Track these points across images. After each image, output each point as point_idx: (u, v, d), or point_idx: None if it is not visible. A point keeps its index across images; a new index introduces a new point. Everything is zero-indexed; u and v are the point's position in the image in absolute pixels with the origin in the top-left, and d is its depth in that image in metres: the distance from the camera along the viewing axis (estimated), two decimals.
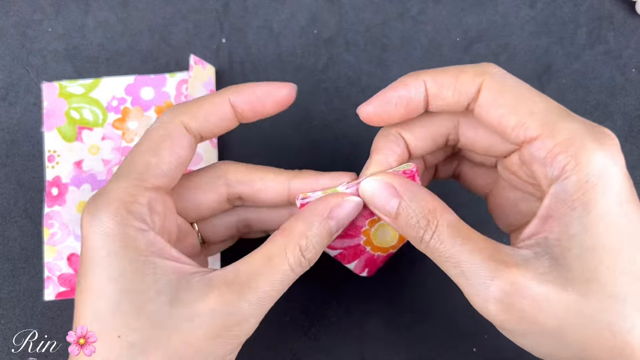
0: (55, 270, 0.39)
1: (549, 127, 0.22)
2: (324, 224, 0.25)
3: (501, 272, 0.22)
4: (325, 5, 0.43)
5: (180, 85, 0.41)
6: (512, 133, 0.23)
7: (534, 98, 0.23)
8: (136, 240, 0.23)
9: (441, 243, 0.24)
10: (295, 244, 0.25)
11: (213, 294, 0.23)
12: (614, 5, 0.42)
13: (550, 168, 0.22)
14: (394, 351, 0.39)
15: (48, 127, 0.41)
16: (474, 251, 0.23)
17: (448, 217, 0.24)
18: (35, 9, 0.43)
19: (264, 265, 0.24)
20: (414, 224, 0.24)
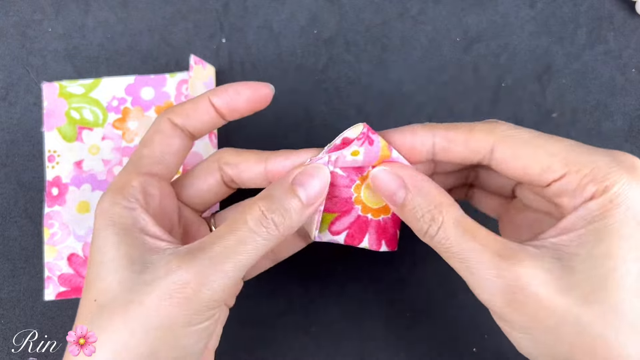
0: (55, 270, 0.39)
1: (573, 163, 0.23)
2: (287, 188, 0.26)
3: (506, 268, 0.22)
4: (325, 5, 0.43)
5: (181, 85, 0.41)
6: (538, 178, 0.24)
7: (548, 142, 0.24)
8: (122, 217, 0.26)
9: (447, 239, 0.24)
10: (255, 206, 0.25)
11: (175, 260, 0.24)
12: (614, 5, 0.42)
13: (579, 197, 0.23)
14: (394, 351, 0.39)
15: (48, 127, 0.41)
16: (480, 247, 0.23)
17: (454, 213, 0.24)
18: (35, 8, 0.43)
19: (224, 232, 0.25)
20: (419, 218, 0.25)
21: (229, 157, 0.30)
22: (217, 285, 0.24)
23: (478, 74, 0.42)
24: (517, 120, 0.41)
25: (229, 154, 0.30)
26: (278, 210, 0.25)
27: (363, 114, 0.41)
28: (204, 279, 0.24)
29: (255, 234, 0.25)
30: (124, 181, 0.27)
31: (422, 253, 0.40)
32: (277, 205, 0.25)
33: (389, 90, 0.42)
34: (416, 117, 0.41)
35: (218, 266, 0.24)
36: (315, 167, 0.27)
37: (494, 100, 0.41)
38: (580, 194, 0.23)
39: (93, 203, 0.40)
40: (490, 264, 0.22)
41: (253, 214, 0.25)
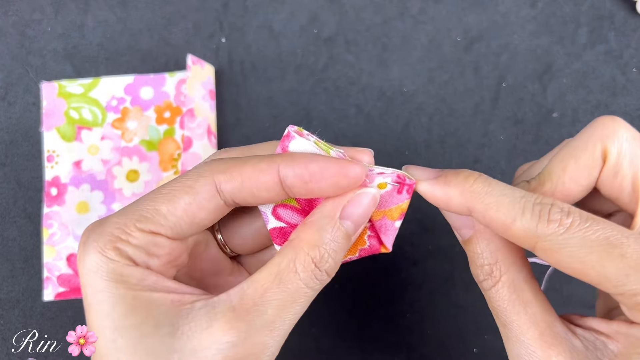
0: (54, 271, 0.39)
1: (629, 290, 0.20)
2: (337, 227, 0.22)
3: (542, 357, 0.21)
4: (325, 4, 0.42)
5: (180, 84, 0.41)
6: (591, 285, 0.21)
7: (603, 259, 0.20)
8: (124, 276, 0.21)
9: (497, 300, 0.23)
10: (306, 256, 0.22)
11: (217, 322, 0.21)
12: (615, 5, 0.42)
13: (636, 316, 0.21)
14: (395, 352, 0.39)
15: (47, 126, 0.41)
16: (526, 323, 0.22)
17: (513, 275, 0.22)
18: (34, 8, 0.43)
19: (271, 285, 0.21)
20: (478, 265, 0.23)
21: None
22: (274, 350, 0.22)
23: (478, 73, 0.42)
24: (517, 119, 0.41)
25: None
26: (331, 258, 0.22)
27: (363, 114, 0.41)
28: (263, 349, 0.21)
29: (308, 289, 0.22)
30: (123, 233, 0.22)
31: (422, 253, 0.40)
32: (328, 253, 0.22)
33: (389, 90, 0.42)
34: (416, 116, 0.41)
35: (277, 331, 0.21)
36: (364, 195, 0.23)
37: (495, 99, 0.41)
38: (636, 315, 0.20)
39: (92, 203, 0.40)
40: (529, 345, 0.21)
41: (305, 265, 0.21)
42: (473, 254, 0.23)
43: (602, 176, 0.23)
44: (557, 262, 0.21)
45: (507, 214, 0.21)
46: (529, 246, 0.21)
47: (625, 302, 0.20)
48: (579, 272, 0.20)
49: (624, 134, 0.22)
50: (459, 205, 0.22)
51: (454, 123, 0.41)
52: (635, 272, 0.19)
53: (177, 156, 0.40)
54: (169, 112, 0.41)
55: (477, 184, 0.22)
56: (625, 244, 0.19)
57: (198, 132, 0.39)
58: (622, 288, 0.19)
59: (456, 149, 0.41)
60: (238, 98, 0.42)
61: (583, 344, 0.21)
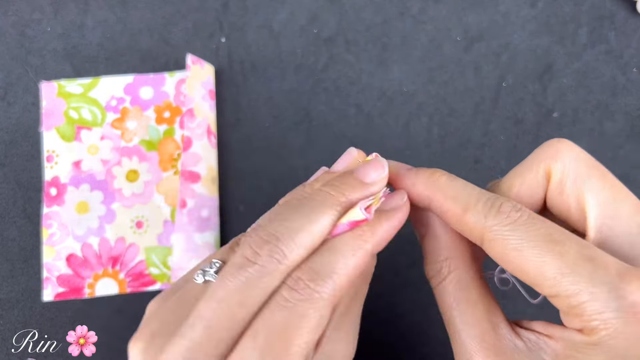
0: (54, 271, 0.39)
1: (565, 290, 0.19)
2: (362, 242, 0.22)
3: (481, 358, 0.21)
4: (325, 4, 0.42)
5: (180, 84, 0.41)
6: (526, 282, 0.21)
7: (543, 255, 0.20)
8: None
9: (443, 296, 0.23)
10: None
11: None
12: (615, 5, 0.42)
13: (567, 321, 0.21)
14: (394, 351, 0.39)
15: (47, 126, 0.41)
16: (470, 322, 0.22)
17: (462, 273, 0.23)
18: (34, 8, 0.43)
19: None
20: (429, 262, 0.24)
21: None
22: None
23: (479, 73, 0.42)
24: (517, 120, 0.41)
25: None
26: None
27: (363, 114, 0.41)
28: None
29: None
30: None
31: (422, 254, 0.40)
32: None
33: (389, 90, 0.41)
34: (416, 116, 0.41)
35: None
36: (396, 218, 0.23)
37: (495, 99, 0.41)
38: (569, 319, 0.20)
39: (92, 203, 0.40)
40: (469, 345, 0.22)
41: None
42: (425, 250, 0.24)
43: (549, 195, 0.23)
44: (500, 255, 0.21)
45: (460, 203, 0.22)
46: (478, 238, 0.22)
47: (560, 306, 0.20)
48: (519, 267, 0.20)
49: (568, 154, 0.23)
50: (420, 194, 0.23)
51: (454, 123, 0.41)
52: (572, 272, 0.19)
53: (177, 156, 0.40)
54: (169, 112, 0.41)
55: (442, 178, 0.23)
56: (567, 244, 0.20)
57: (198, 132, 0.39)
58: (556, 289, 0.19)
59: (456, 149, 0.41)
60: (238, 98, 0.42)
61: (526, 344, 0.21)
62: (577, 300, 0.19)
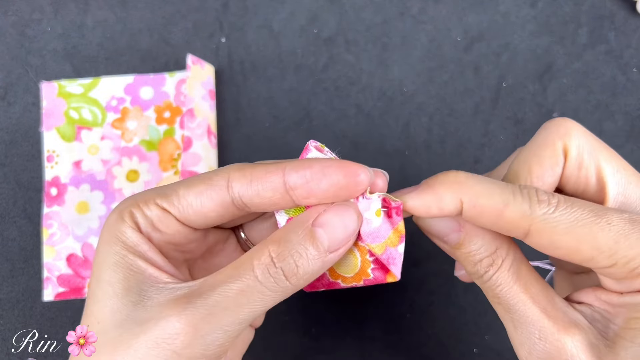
0: (54, 271, 0.39)
1: (621, 256, 0.20)
2: (307, 231, 0.21)
3: (552, 333, 0.21)
4: (325, 4, 0.42)
5: (180, 84, 0.41)
6: (582, 264, 0.22)
7: (593, 231, 0.20)
8: (124, 235, 0.23)
9: (498, 285, 0.23)
10: (265, 250, 0.21)
11: (170, 304, 0.21)
12: (615, 5, 0.42)
13: (627, 286, 0.21)
14: (394, 352, 0.39)
15: (47, 127, 0.41)
16: (530, 302, 0.22)
17: (512, 257, 0.23)
18: (34, 8, 0.43)
19: (228, 276, 0.21)
20: (476, 262, 0.23)
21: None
22: (210, 340, 0.21)
23: (479, 73, 0.42)
24: (517, 119, 0.41)
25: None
26: (291, 257, 0.21)
27: (363, 114, 0.41)
28: (196, 333, 0.20)
29: (262, 285, 0.21)
30: (142, 201, 0.23)
31: (422, 254, 0.40)
32: (290, 252, 0.21)
33: (389, 90, 0.42)
34: (416, 116, 0.41)
35: (214, 319, 0.21)
36: (344, 206, 0.22)
37: (495, 99, 0.41)
38: (628, 284, 0.21)
39: (92, 203, 0.40)
40: (536, 322, 0.22)
41: (261, 259, 0.21)
42: (468, 254, 0.23)
43: (567, 172, 0.24)
44: (549, 242, 0.21)
45: (499, 198, 0.21)
46: (522, 230, 0.21)
47: (617, 273, 0.21)
48: (573, 250, 0.21)
49: (579, 130, 0.24)
50: (449, 202, 0.22)
51: (454, 123, 0.41)
52: (625, 238, 0.20)
53: (177, 156, 0.40)
54: (169, 112, 0.41)
55: (460, 176, 0.22)
56: (609, 214, 0.21)
57: (198, 132, 0.39)
58: (614, 257, 0.20)
59: (456, 149, 0.41)
60: (238, 98, 0.42)
61: (584, 316, 0.22)
62: (638, 261, 0.20)
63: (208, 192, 0.23)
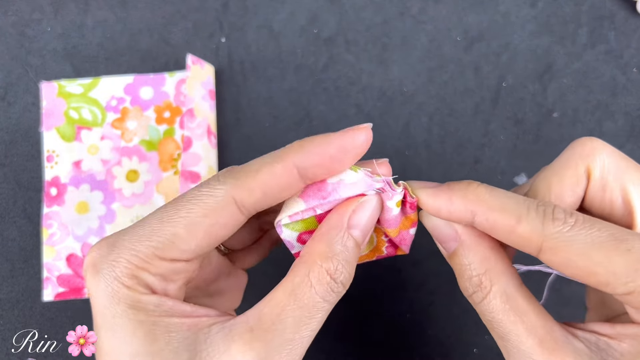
0: (54, 271, 0.39)
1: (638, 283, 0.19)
2: (347, 237, 0.22)
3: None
4: (325, 4, 0.42)
5: (180, 84, 0.41)
6: (596, 287, 0.21)
7: (611, 255, 0.20)
8: (142, 302, 0.21)
9: (490, 312, 0.22)
10: (320, 268, 0.21)
11: (235, 344, 0.20)
12: (615, 5, 0.42)
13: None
14: (394, 352, 0.39)
15: (47, 126, 0.41)
16: (524, 332, 0.21)
17: (505, 284, 0.22)
18: (34, 8, 0.43)
19: (287, 301, 0.21)
20: (467, 278, 0.23)
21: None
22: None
23: (479, 73, 0.42)
24: (517, 119, 0.41)
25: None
26: (345, 268, 0.22)
27: (363, 113, 0.41)
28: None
29: (325, 302, 0.21)
30: (142, 262, 0.21)
31: (422, 253, 0.40)
32: (341, 264, 0.22)
33: (389, 90, 0.41)
34: (416, 116, 0.41)
35: (296, 349, 0.21)
36: (369, 202, 0.23)
37: (495, 99, 0.41)
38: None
39: (92, 203, 0.40)
40: (531, 355, 0.21)
41: (319, 277, 0.21)
42: (460, 267, 0.23)
43: (590, 193, 0.23)
44: (564, 262, 0.20)
45: (512, 214, 0.21)
46: (535, 247, 0.21)
47: (634, 302, 0.20)
48: (587, 272, 0.20)
49: (604, 150, 0.23)
50: (461, 210, 0.22)
51: (454, 123, 0.41)
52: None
53: (176, 156, 0.40)
54: (169, 112, 0.41)
55: (480, 188, 0.22)
56: (630, 239, 0.19)
57: (198, 132, 0.39)
58: (631, 285, 0.19)
59: (456, 149, 0.41)
60: (238, 98, 0.42)
61: (586, 345, 0.21)
62: None
63: (219, 223, 0.22)
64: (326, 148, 0.22)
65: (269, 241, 0.30)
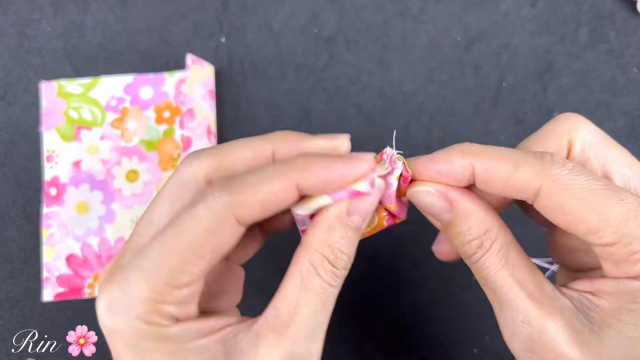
0: (53, 271, 0.39)
1: (627, 235, 0.20)
2: (346, 224, 0.23)
3: (535, 318, 0.21)
4: (325, 4, 0.42)
5: (180, 84, 0.41)
6: (584, 237, 0.21)
7: (606, 202, 0.20)
8: (168, 332, 0.21)
9: (487, 267, 0.23)
10: (321, 257, 0.22)
11: (262, 347, 0.21)
12: (615, 5, 0.42)
13: (624, 270, 0.21)
14: (395, 352, 0.39)
15: (47, 126, 0.41)
16: (516, 285, 0.22)
17: (501, 240, 0.23)
18: (33, 8, 0.43)
19: (300, 294, 0.22)
20: (465, 243, 0.23)
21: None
22: (318, 354, 0.22)
23: (479, 73, 0.41)
24: (517, 119, 0.41)
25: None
26: (344, 254, 0.23)
27: (363, 113, 0.41)
28: (309, 357, 0.22)
29: (333, 288, 0.23)
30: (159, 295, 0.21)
31: (422, 253, 0.40)
32: (342, 251, 0.23)
33: (389, 90, 0.41)
34: (416, 116, 0.41)
35: (317, 336, 0.22)
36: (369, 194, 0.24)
37: (495, 99, 0.41)
38: (626, 267, 0.21)
39: (92, 203, 0.40)
40: (521, 306, 0.22)
41: (324, 266, 0.22)
42: (458, 234, 0.24)
43: None
44: (558, 207, 0.21)
45: (510, 160, 0.22)
46: (532, 191, 0.21)
47: (617, 254, 0.20)
48: (579, 217, 0.20)
49: (587, 127, 0.24)
50: (461, 165, 0.23)
51: (454, 123, 0.41)
52: (635, 217, 0.20)
53: (176, 156, 0.40)
54: (169, 112, 0.41)
55: (476, 145, 0.23)
56: (623, 192, 0.20)
57: (198, 132, 0.39)
58: (619, 234, 0.20)
59: None
60: (238, 98, 0.42)
61: (571, 302, 0.22)
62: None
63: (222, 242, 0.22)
64: (329, 173, 0.22)
65: (261, 233, 0.30)
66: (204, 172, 0.23)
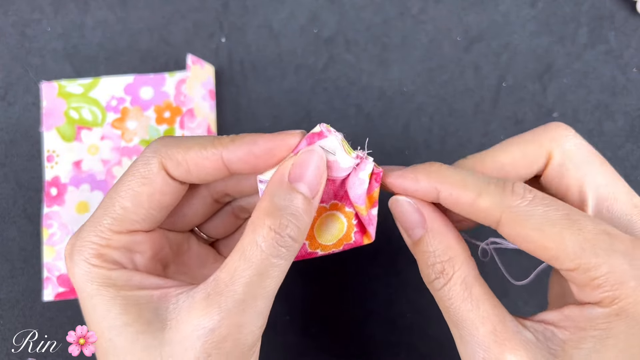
0: (54, 271, 0.39)
1: (585, 262, 0.20)
2: (289, 190, 0.22)
3: (497, 355, 0.21)
4: (325, 4, 0.42)
5: (180, 84, 0.41)
6: (548, 262, 0.22)
7: (564, 230, 0.21)
8: (112, 278, 0.23)
9: (449, 299, 0.23)
10: (264, 226, 0.22)
11: (195, 310, 0.21)
12: (615, 5, 0.42)
13: (586, 296, 0.21)
14: (394, 351, 0.39)
15: (47, 126, 0.41)
16: (479, 321, 0.22)
17: (465, 272, 0.23)
18: (34, 8, 0.43)
19: (238, 263, 0.22)
20: (429, 265, 0.24)
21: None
22: (254, 328, 0.22)
23: (479, 73, 0.42)
24: (517, 119, 0.41)
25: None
26: (290, 222, 0.22)
27: (363, 113, 0.41)
28: (239, 328, 0.21)
29: (275, 258, 0.22)
30: (103, 240, 0.23)
31: None
32: (286, 217, 0.22)
33: (389, 90, 0.42)
34: (416, 116, 0.41)
35: (249, 308, 0.21)
36: (307, 152, 0.23)
37: (495, 99, 0.41)
38: (588, 292, 0.21)
39: (92, 203, 0.40)
40: (482, 342, 0.22)
41: (266, 237, 0.22)
42: (424, 254, 0.24)
43: (548, 175, 0.24)
44: (520, 236, 0.21)
45: (473, 188, 0.22)
46: (494, 219, 0.22)
47: (578, 279, 0.21)
48: (540, 246, 0.21)
49: (571, 140, 0.24)
50: (426, 188, 0.23)
51: (454, 123, 0.41)
52: (593, 246, 0.20)
53: None
54: (169, 112, 0.41)
55: (443, 167, 0.23)
56: (582, 220, 0.21)
57: (198, 132, 0.39)
58: (577, 262, 0.20)
59: (456, 149, 0.41)
60: (238, 98, 0.42)
61: (534, 335, 0.22)
62: (599, 272, 0.20)
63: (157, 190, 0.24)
64: (253, 147, 0.23)
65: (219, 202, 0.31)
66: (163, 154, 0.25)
